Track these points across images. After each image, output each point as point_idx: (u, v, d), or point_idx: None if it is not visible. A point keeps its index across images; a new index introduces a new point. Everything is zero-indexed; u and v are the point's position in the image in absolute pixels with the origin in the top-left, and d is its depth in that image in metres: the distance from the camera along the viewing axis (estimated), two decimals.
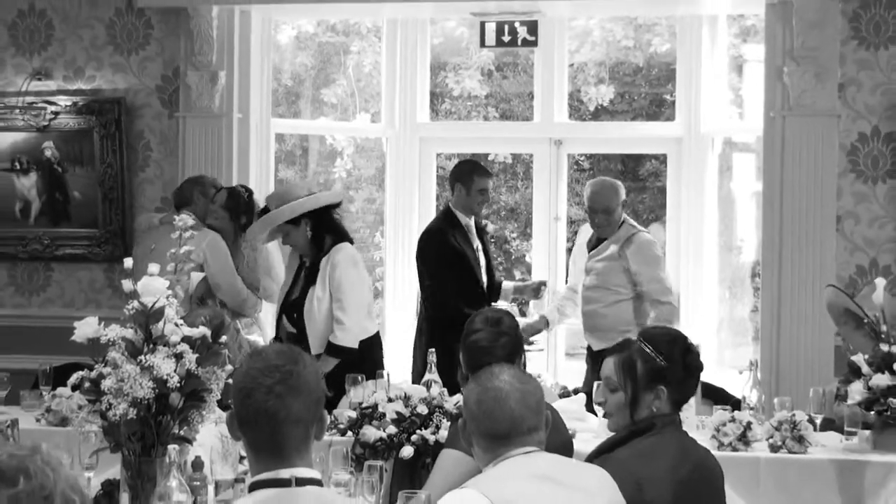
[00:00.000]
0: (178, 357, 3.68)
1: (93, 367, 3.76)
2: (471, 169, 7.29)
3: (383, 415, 4.94)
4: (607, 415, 3.94)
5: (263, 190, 7.67)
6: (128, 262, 3.94)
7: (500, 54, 10.24)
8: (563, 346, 8.70)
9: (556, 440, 3.45)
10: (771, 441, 5.24)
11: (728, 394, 6.26)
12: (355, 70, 9.32)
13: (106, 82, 7.85)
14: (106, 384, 3.66)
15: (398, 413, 4.91)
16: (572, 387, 6.84)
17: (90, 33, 7.87)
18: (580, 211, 11.48)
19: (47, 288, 7.99)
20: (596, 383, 3.95)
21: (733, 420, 5.27)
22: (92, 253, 7.86)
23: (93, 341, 3.76)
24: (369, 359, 6.11)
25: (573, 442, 4.46)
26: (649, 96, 10.98)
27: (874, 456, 5.20)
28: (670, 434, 3.80)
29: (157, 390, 3.63)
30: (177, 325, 3.76)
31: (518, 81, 10.84)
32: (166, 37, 7.75)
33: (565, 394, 6.60)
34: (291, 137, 9.19)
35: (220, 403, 3.86)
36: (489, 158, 11.52)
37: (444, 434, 4.69)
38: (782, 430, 5.23)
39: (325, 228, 6.27)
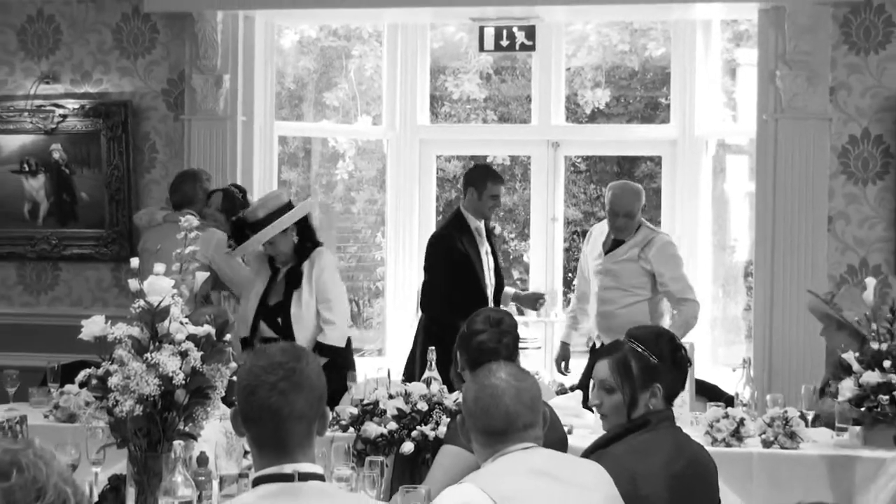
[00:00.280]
0: (184, 355, 3.69)
1: (100, 364, 3.77)
2: (484, 174, 7.27)
3: (384, 411, 4.94)
4: (603, 416, 3.93)
5: (266, 190, 7.66)
6: (134, 261, 3.94)
7: (499, 58, 10.23)
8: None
9: (551, 437, 3.45)
10: (763, 437, 5.25)
11: (721, 391, 6.27)
12: (357, 74, 9.32)
13: (113, 86, 7.86)
14: (113, 381, 3.66)
15: (399, 410, 4.91)
16: (569, 384, 6.85)
17: (97, 38, 7.87)
18: (577, 212, 11.49)
19: (55, 287, 7.99)
20: (591, 381, 3.94)
21: (727, 416, 5.28)
22: (99, 253, 7.86)
23: (100, 339, 3.77)
24: (348, 357, 6.27)
25: (569, 438, 4.47)
26: (644, 99, 10.98)
27: (864, 452, 5.21)
28: (665, 430, 3.81)
29: (162, 387, 3.64)
30: (182, 323, 3.76)
31: (516, 85, 10.84)
32: (172, 41, 7.75)
33: (562, 391, 6.61)
34: (294, 140, 9.18)
35: (225, 400, 3.87)
36: (488, 160, 11.52)
37: (444, 430, 4.70)
38: (774, 426, 5.24)
39: (307, 235, 6.31)
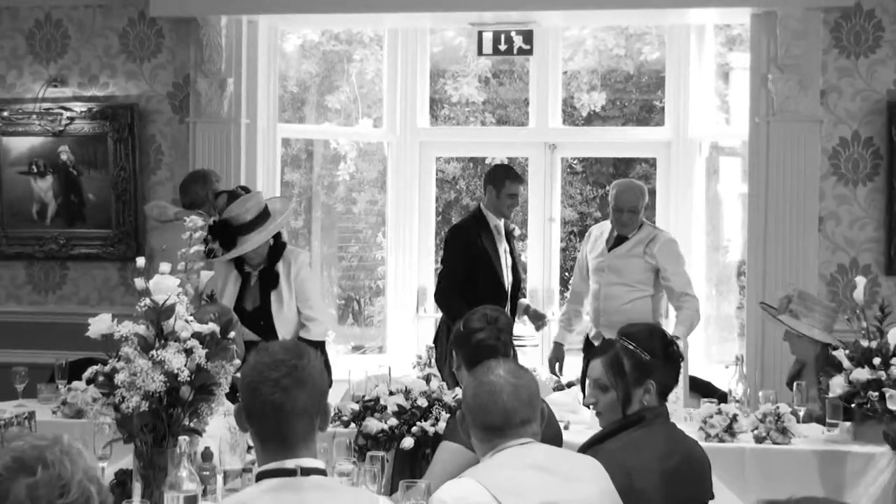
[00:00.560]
0: (189, 352, 3.69)
1: (107, 361, 3.77)
2: (504, 174, 7.27)
3: (385, 407, 4.95)
4: (599, 414, 3.93)
5: (269, 191, 7.67)
6: (140, 261, 3.94)
7: (497, 62, 10.24)
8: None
9: (547, 433, 3.46)
10: (756, 432, 5.25)
11: (715, 387, 6.27)
12: (358, 77, 9.32)
13: (119, 89, 7.85)
14: (119, 378, 3.67)
15: (399, 406, 4.92)
16: (566, 380, 6.85)
17: (104, 42, 7.87)
18: (574, 213, 11.49)
19: (63, 286, 7.99)
20: (586, 380, 3.94)
21: (720, 412, 5.28)
22: (106, 252, 7.86)
23: (106, 337, 3.78)
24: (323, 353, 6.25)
25: (565, 434, 4.48)
26: (639, 102, 10.98)
27: (854, 447, 5.21)
28: (659, 426, 3.81)
29: (168, 384, 3.64)
30: (187, 321, 3.77)
31: (514, 88, 10.84)
32: (177, 45, 7.75)
33: (559, 387, 6.62)
34: (297, 142, 9.18)
35: (229, 396, 3.87)
36: (486, 162, 11.51)
37: (443, 426, 4.70)
38: (767, 421, 5.24)
39: (277, 235, 6.29)
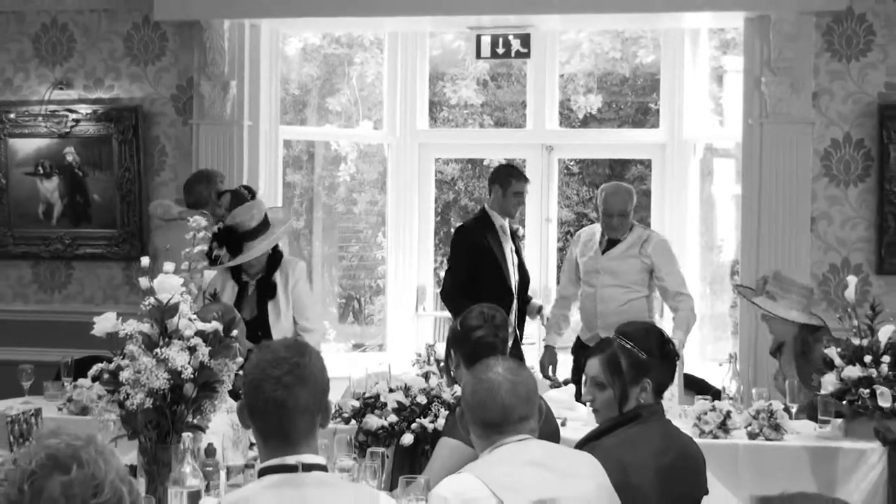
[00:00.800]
0: (192, 350, 3.69)
1: (111, 359, 3.77)
2: (508, 172, 7.25)
3: (385, 404, 4.94)
4: (596, 412, 3.93)
5: (271, 192, 7.67)
6: (144, 260, 3.94)
7: (495, 65, 10.25)
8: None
9: (545, 429, 3.46)
10: (749, 429, 5.25)
11: (709, 385, 6.27)
12: (358, 80, 9.32)
13: (124, 91, 7.85)
14: (124, 375, 3.67)
15: (399, 403, 4.91)
16: (562, 377, 6.84)
17: (109, 46, 7.87)
18: (570, 213, 11.50)
19: (68, 285, 7.99)
20: (583, 378, 3.94)
21: (714, 409, 5.28)
22: (111, 252, 7.86)
23: (111, 335, 3.78)
24: None
25: (562, 430, 4.48)
26: (635, 105, 10.99)
27: (846, 443, 5.21)
28: (655, 423, 3.81)
29: (171, 381, 3.64)
30: (190, 320, 3.76)
31: (511, 91, 10.85)
32: (181, 49, 7.75)
33: (556, 385, 6.61)
34: (298, 143, 9.18)
35: (232, 393, 3.87)
36: (484, 163, 11.53)
37: (442, 423, 4.69)
38: (760, 418, 5.24)
39: (276, 245, 6.28)
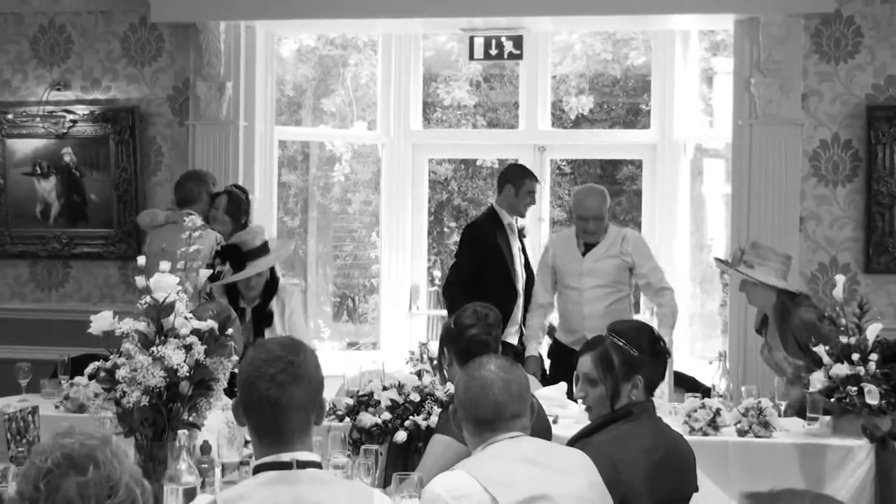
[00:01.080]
0: (188, 348, 3.68)
1: (108, 357, 3.77)
2: (522, 172, 7.24)
3: (378, 402, 4.94)
4: (588, 408, 3.93)
5: (266, 192, 7.67)
6: (141, 259, 3.94)
7: (488, 67, 10.24)
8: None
9: (536, 427, 3.45)
10: (738, 426, 5.25)
11: (699, 382, 6.26)
12: (353, 81, 9.32)
13: (121, 92, 7.84)
14: (120, 374, 3.66)
15: (392, 400, 4.91)
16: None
17: (106, 47, 7.86)
18: (562, 213, 11.49)
19: (65, 284, 7.98)
20: (575, 374, 3.94)
21: (703, 407, 5.28)
22: (107, 251, 7.84)
23: (108, 334, 3.77)
24: None
25: (554, 427, 4.47)
26: (626, 106, 10.99)
27: (834, 440, 5.22)
28: (646, 420, 3.81)
29: (167, 379, 3.64)
30: (186, 318, 3.76)
31: (504, 92, 10.84)
32: (177, 50, 7.74)
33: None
34: (293, 144, 9.18)
35: (227, 391, 3.86)
36: (477, 164, 11.52)
37: (435, 420, 4.69)
38: (749, 415, 5.24)
39: (273, 271, 6.25)
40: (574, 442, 3.76)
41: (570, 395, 5.55)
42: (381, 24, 8.04)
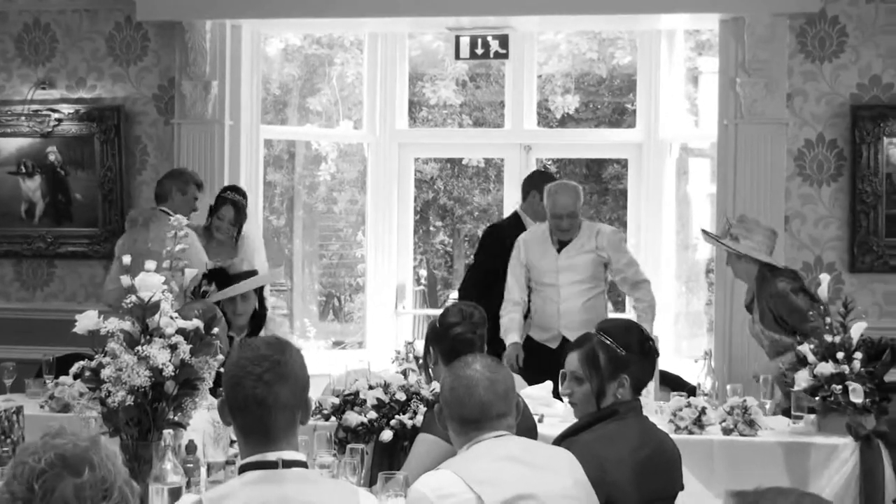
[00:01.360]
0: (173, 348, 3.68)
1: (93, 357, 3.75)
2: (547, 178, 7.22)
3: (364, 401, 4.93)
4: (574, 405, 3.93)
5: (253, 191, 7.66)
6: (126, 259, 3.92)
7: (474, 66, 10.25)
8: None
9: (522, 426, 3.45)
10: (724, 425, 5.26)
11: (684, 381, 6.27)
12: (339, 80, 9.31)
13: (106, 91, 7.82)
14: (105, 373, 3.65)
15: (378, 399, 4.90)
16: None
17: (91, 45, 7.83)
18: None
19: (50, 283, 7.95)
20: (561, 372, 3.94)
21: (689, 405, 5.28)
22: (92, 250, 7.82)
23: (93, 333, 3.76)
24: None
25: (539, 426, 4.47)
26: (612, 105, 11.01)
27: (818, 438, 5.23)
28: (632, 419, 3.80)
29: (153, 379, 3.63)
30: (171, 318, 3.75)
31: (490, 91, 10.85)
32: (163, 49, 7.72)
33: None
34: (279, 143, 9.17)
35: (213, 391, 3.85)
36: (463, 163, 11.53)
37: (421, 419, 4.69)
38: (734, 414, 5.25)
39: (261, 300, 6.28)
40: (560, 441, 3.76)
41: (556, 393, 5.56)
42: (367, 24, 8.03)
